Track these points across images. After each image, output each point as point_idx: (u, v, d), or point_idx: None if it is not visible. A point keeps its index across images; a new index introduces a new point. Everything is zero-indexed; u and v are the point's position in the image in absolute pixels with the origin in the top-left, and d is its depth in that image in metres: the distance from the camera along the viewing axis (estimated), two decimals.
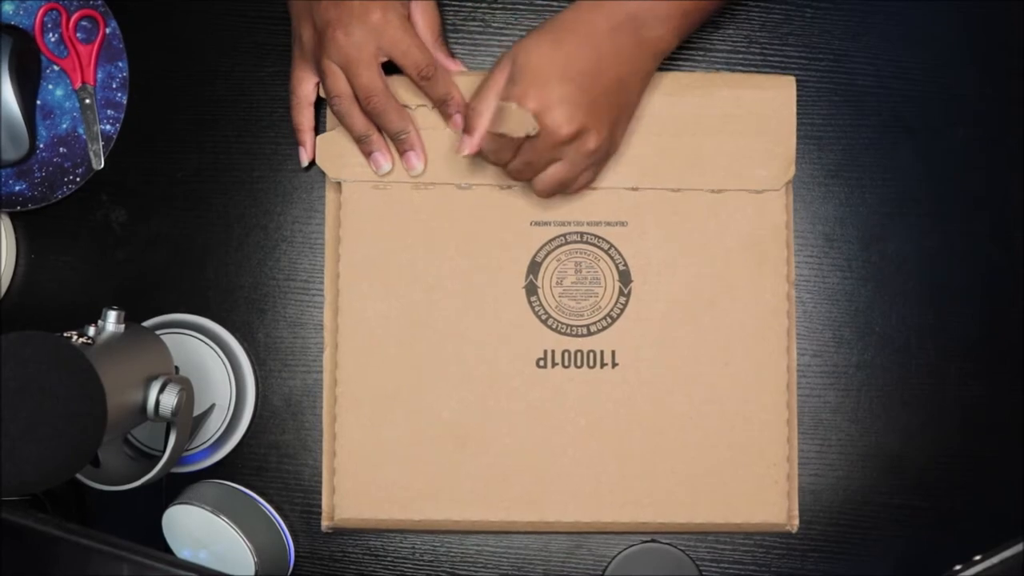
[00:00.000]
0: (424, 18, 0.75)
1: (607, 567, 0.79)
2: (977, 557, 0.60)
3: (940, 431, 0.79)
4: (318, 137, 0.78)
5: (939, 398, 0.80)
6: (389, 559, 0.81)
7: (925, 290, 0.80)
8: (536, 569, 0.80)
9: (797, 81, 0.79)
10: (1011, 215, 0.80)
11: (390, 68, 0.74)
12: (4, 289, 0.81)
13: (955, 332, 0.80)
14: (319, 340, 0.81)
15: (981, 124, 0.80)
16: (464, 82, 0.75)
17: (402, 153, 0.76)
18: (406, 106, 0.76)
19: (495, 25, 0.81)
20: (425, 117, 0.77)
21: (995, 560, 0.60)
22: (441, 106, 0.75)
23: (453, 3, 0.81)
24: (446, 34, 0.78)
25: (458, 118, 0.75)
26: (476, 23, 0.81)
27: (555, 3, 0.81)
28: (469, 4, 0.81)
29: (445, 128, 0.76)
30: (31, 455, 0.55)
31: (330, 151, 0.78)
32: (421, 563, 0.81)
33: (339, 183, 0.78)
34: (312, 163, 0.79)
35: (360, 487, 0.77)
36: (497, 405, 0.77)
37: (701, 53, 0.81)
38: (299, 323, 0.81)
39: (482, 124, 0.70)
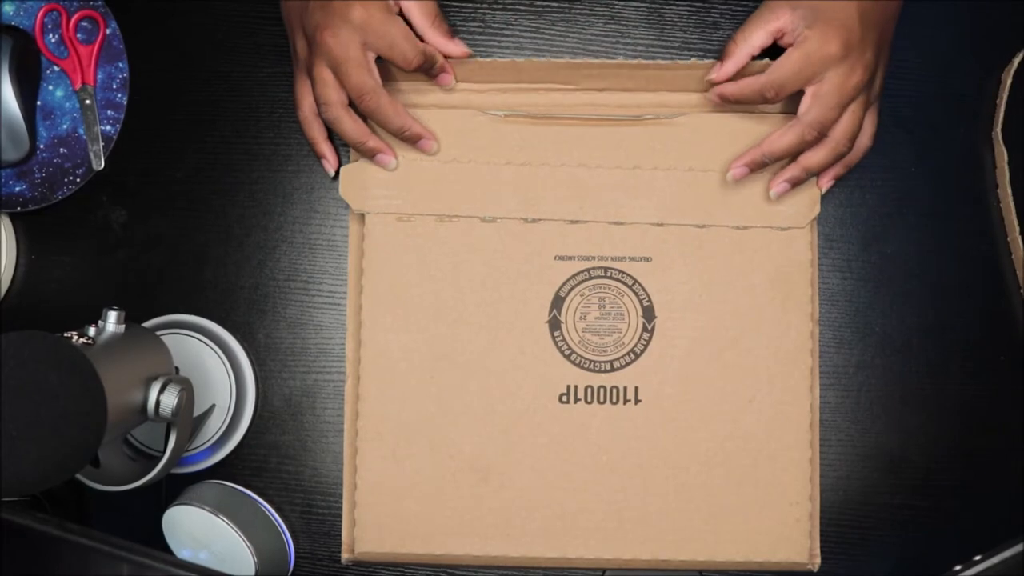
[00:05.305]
0: (417, 5, 0.74)
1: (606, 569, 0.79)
2: (977, 557, 0.60)
3: (940, 431, 0.79)
4: (342, 168, 0.77)
5: (939, 398, 0.79)
6: (388, 561, 0.81)
7: (925, 290, 0.80)
8: (535, 573, 0.80)
9: None
10: None
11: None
12: (4, 289, 0.81)
13: (955, 332, 0.80)
14: (319, 341, 0.81)
15: (981, 124, 0.81)
16: (472, 69, 0.76)
17: (413, 145, 0.76)
18: (415, 107, 0.75)
19: (495, 26, 0.81)
20: (447, 151, 0.77)
21: (995, 560, 0.60)
22: (432, 75, 0.75)
23: (453, 4, 0.81)
24: (444, 16, 0.76)
25: (444, 76, 0.76)
26: (476, 23, 0.81)
27: (555, 3, 0.81)
28: (469, 5, 0.81)
29: (469, 162, 0.76)
30: (31, 455, 0.55)
31: (354, 182, 0.77)
32: (420, 565, 0.80)
33: (363, 215, 0.77)
34: (338, 172, 0.79)
35: (381, 521, 0.76)
36: (519, 440, 0.76)
37: (700, 54, 0.81)
38: (299, 323, 0.81)
39: (739, 53, 0.72)
